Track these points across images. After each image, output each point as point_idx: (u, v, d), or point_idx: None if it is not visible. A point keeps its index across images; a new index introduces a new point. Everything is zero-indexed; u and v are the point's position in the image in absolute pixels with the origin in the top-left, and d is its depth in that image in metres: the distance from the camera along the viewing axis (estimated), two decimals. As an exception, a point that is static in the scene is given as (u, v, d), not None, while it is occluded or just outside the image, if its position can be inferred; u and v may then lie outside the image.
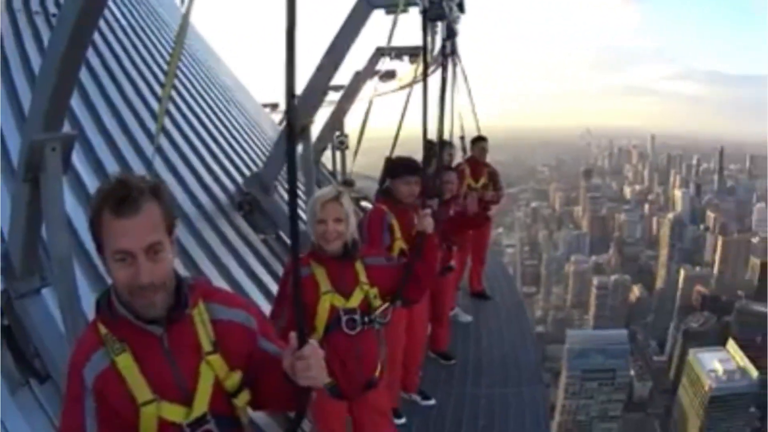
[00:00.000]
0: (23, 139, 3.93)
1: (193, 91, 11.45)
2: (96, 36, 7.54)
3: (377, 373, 4.53)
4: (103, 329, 2.39)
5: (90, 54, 7.97)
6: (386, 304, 4.50)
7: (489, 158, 10.79)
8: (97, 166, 6.85)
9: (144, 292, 2.27)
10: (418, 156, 6.67)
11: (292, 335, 2.41)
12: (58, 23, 3.55)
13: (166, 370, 2.41)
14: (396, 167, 6.12)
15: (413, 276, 4.68)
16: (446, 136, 8.79)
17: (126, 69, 9.40)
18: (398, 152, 6.43)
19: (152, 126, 8.43)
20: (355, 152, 10.73)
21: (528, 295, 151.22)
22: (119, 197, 2.21)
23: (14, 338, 4.19)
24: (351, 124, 14.71)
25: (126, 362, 2.35)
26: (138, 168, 7.40)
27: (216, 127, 11.25)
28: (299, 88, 8.79)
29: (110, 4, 10.11)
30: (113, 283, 2.34)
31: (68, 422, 2.42)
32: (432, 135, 5.72)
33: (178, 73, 11.41)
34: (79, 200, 5.91)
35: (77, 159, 6.39)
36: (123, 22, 10.60)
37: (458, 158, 10.70)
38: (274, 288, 7.39)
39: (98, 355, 2.36)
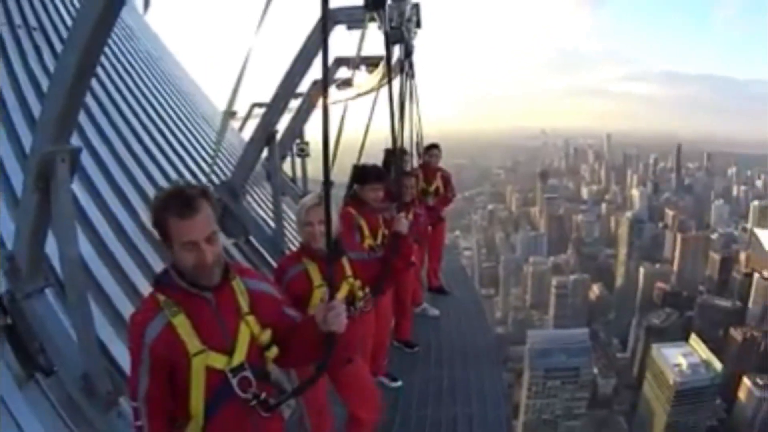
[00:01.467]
0: (32, 150, 4.40)
1: (164, 104, 12.17)
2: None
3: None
4: (161, 297, 3.10)
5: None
6: (368, 295, 5.33)
7: (445, 161, 11.53)
8: (89, 184, 7.51)
9: (206, 268, 3.06)
10: (377, 161, 7.64)
11: (325, 292, 3.57)
12: (70, 38, 3.97)
13: (215, 325, 3.14)
14: (364, 175, 6.79)
15: (391, 271, 5.46)
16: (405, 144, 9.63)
17: (110, 94, 10.09)
18: (353, 157, 7.21)
19: (134, 144, 9.45)
20: (331, 157, 10.98)
21: (487, 297, 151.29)
22: (181, 203, 2.98)
23: (18, 336, 4.65)
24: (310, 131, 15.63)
25: (181, 321, 3.05)
26: (124, 183, 8.32)
27: (186, 137, 12.02)
28: (266, 95, 10.12)
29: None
30: (176, 263, 3.09)
31: (133, 380, 3.09)
32: (390, 143, 6.50)
33: (150, 86, 12.34)
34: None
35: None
36: None
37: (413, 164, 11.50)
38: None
39: (157, 319, 3.04)
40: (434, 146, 11.32)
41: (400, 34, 8.13)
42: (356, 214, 6.69)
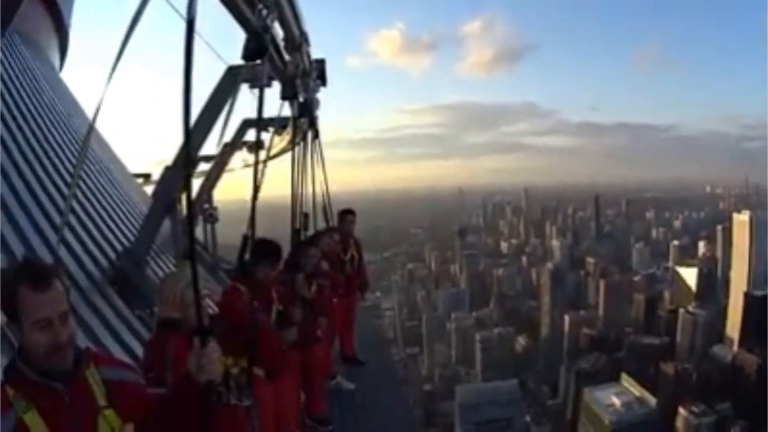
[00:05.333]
0: None
1: (64, 160, 11.29)
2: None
3: None
4: (11, 392, 2.80)
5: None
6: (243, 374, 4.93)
7: (363, 223, 11.76)
8: None
9: (61, 349, 2.82)
10: (286, 224, 8.09)
11: (196, 339, 3.15)
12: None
13: (69, 422, 2.86)
14: (254, 249, 6.29)
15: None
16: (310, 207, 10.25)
17: (3, 139, 9.35)
18: (268, 220, 6.70)
19: (30, 204, 8.73)
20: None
21: (411, 355, 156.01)
22: (35, 276, 2.77)
23: None
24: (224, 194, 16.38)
25: (32, 418, 2.78)
26: (15, 245, 7.65)
27: (88, 200, 11.25)
28: (169, 158, 10.56)
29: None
30: (25, 347, 2.82)
31: None
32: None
33: (51, 140, 11.64)
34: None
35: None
36: (1, 87, 10.44)
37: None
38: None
39: (8, 417, 2.74)
40: (349, 212, 11.24)
41: (292, 88, 7.99)
42: (245, 291, 5.98)
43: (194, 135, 8.68)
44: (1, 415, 2.70)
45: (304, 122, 9.81)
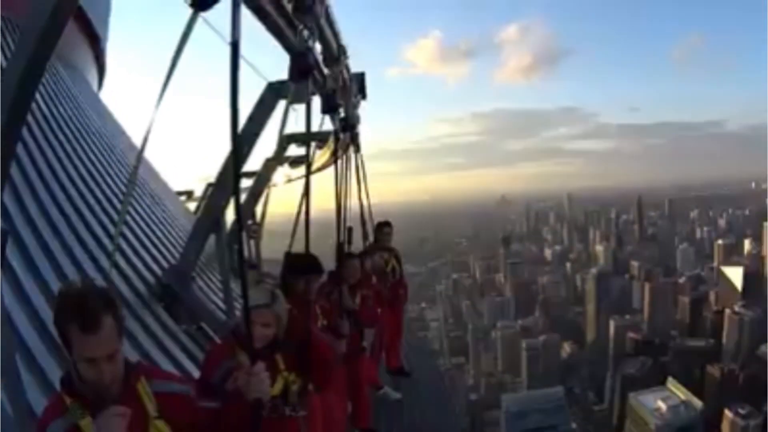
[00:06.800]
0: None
1: (109, 181, 11.74)
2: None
3: None
4: (68, 399, 2.97)
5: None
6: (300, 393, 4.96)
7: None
8: (31, 265, 7.21)
9: (102, 388, 2.93)
10: (326, 238, 7.75)
11: (245, 357, 3.62)
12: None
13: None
14: (295, 264, 6.47)
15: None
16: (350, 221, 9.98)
17: (51, 163, 9.80)
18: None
19: (78, 226, 9.10)
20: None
21: (457, 365, 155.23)
22: (84, 316, 2.80)
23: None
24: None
25: (87, 425, 2.91)
26: (68, 267, 7.92)
27: (133, 218, 11.65)
28: (212, 175, 10.63)
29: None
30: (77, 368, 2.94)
31: None
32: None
33: (95, 161, 12.09)
34: (16, 298, 6.34)
35: (11, 256, 6.74)
36: (45, 110, 11.07)
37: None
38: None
39: (60, 420, 2.93)
40: (386, 224, 11.36)
41: (333, 102, 7.76)
42: (290, 307, 5.61)
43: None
44: (53, 417, 2.91)
45: (345, 136, 9.77)
